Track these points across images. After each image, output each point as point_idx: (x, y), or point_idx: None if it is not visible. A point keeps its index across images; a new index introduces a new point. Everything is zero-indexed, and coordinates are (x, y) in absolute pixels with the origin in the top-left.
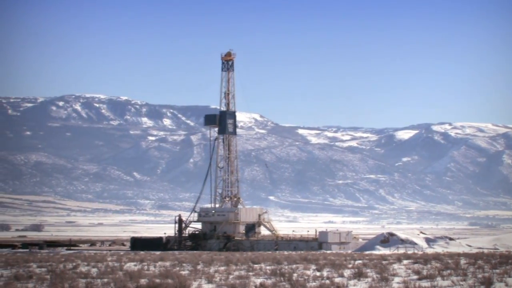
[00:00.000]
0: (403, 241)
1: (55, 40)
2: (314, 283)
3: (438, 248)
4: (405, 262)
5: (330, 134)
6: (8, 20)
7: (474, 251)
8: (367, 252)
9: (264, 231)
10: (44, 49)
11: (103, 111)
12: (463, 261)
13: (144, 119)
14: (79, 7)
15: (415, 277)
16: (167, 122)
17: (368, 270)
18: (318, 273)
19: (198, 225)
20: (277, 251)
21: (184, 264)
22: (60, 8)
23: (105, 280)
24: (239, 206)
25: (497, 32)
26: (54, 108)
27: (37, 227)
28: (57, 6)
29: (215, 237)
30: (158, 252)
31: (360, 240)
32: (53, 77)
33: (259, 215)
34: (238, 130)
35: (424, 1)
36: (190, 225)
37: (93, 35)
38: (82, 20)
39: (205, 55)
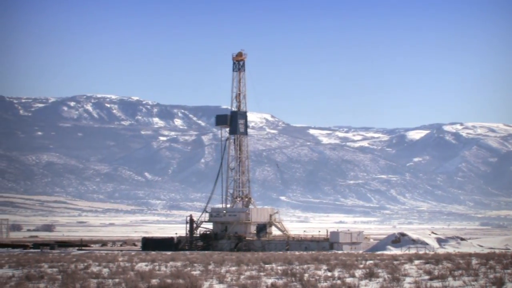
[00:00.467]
0: (414, 241)
1: (66, 40)
2: (325, 283)
3: (449, 248)
4: (416, 262)
5: (341, 134)
6: (19, 20)
7: (486, 251)
8: (378, 252)
9: (275, 231)
10: (55, 49)
11: (114, 111)
12: (474, 261)
13: (155, 119)
14: (91, 6)
15: (427, 277)
16: (178, 122)
17: (380, 270)
18: (329, 273)
19: (209, 225)
20: (288, 251)
21: (195, 264)
22: (71, 8)
23: (117, 280)
24: (250, 206)
25: (508, 32)
26: (65, 108)
27: (48, 227)
28: (69, 6)
29: (226, 237)
30: (169, 252)
31: (371, 240)
32: (64, 77)
33: (270, 215)
34: (249, 130)
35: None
36: (201, 225)
37: (104, 35)
38: (93, 20)
39: (216, 55)
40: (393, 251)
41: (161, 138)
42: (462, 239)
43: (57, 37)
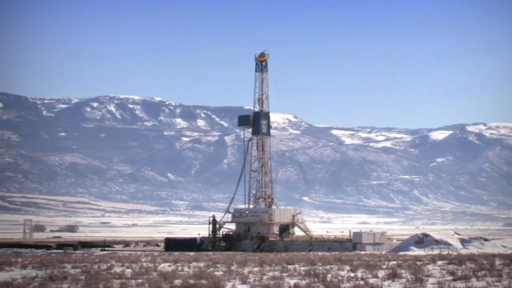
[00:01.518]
0: (437, 242)
1: (89, 42)
2: (348, 284)
3: (472, 249)
4: (439, 263)
5: (364, 135)
6: (42, 21)
7: (509, 251)
8: (401, 253)
9: (298, 232)
10: (78, 50)
11: (137, 112)
12: (498, 262)
13: (178, 120)
14: (113, 9)
15: (450, 278)
16: (201, 123)
17: (403, 271)
18: (352, 274)
19: (232, 226)
20: (311, 252)
21: (218, 265)
22: (94, 10)
23: (140, 280)
24: (273, 207)
25: None
26: (88, 109)
27: (71, 228)
28: (92, 8)
29: (249, 237)
30: (192, 253)
31: (395, 241)
32: (88, 78)
33: (293, 216)
34: (272, 130)
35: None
36: (224, 226)
37: (127, 36)
38: (117, 21)
39: (239, 56)
40: (416, 251)
41: (184, 138)
42: (485, 239)
43: (80, 38)
